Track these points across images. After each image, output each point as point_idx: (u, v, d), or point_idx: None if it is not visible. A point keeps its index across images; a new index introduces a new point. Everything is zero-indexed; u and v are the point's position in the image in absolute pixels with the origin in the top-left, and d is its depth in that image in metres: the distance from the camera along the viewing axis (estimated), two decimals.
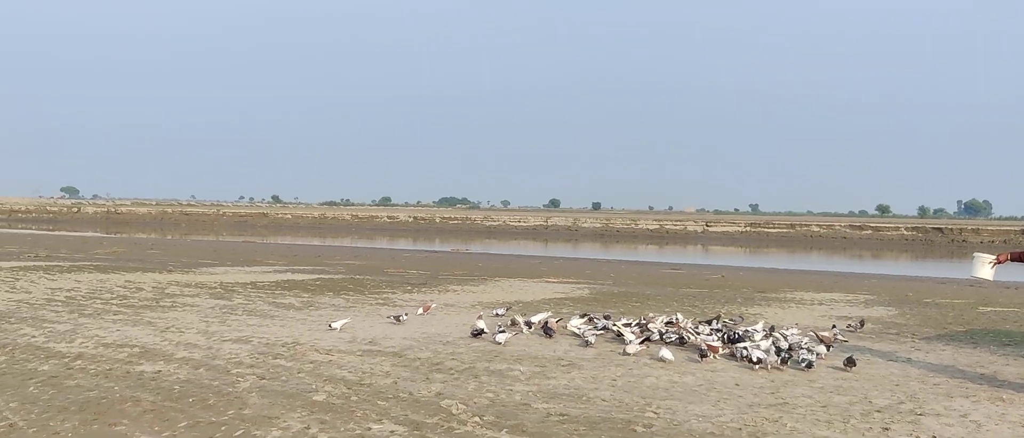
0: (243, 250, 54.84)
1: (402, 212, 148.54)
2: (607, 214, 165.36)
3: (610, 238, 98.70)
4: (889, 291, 31.90)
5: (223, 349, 15.54)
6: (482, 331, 17.53)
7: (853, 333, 19.02)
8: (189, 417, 10.69)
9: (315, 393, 12.08)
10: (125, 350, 15.25)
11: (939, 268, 56.13)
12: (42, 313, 19.90)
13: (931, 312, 24.37)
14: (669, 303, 24.67)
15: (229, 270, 34.77)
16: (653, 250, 76.14)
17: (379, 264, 42.11)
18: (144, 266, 35.48)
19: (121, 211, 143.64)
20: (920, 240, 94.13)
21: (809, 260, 65.82)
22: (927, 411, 11.76)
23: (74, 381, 12.64)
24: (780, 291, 30.63)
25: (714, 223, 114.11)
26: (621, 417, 11.06)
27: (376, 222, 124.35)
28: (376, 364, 14.38)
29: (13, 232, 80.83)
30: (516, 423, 10.64)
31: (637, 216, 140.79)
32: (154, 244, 61.57)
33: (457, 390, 12.46)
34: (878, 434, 10.48)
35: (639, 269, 44.67)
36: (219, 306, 21.94)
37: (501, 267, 42.20)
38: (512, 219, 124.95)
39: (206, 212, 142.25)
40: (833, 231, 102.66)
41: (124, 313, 20.22)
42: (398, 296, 25.50)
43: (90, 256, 42.58)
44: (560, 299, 25.56)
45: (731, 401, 12.16)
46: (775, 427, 10.74)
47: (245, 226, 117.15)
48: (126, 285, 26.90)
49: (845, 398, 12.49)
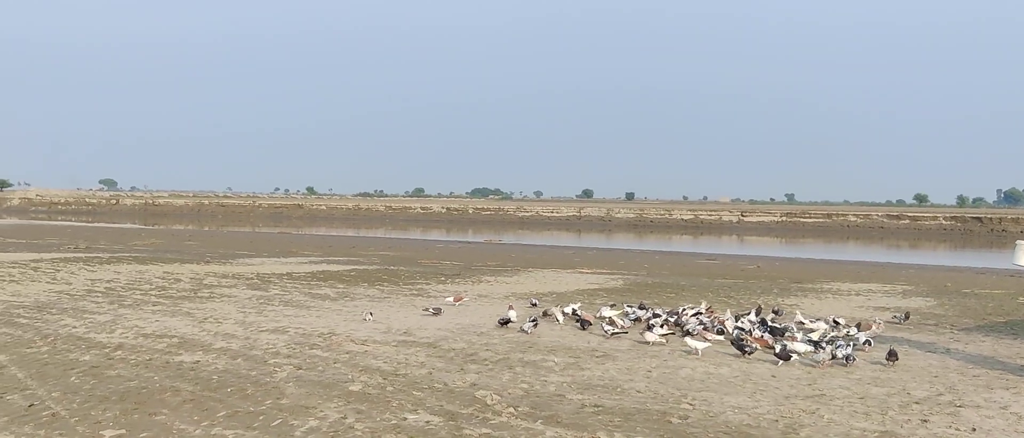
0: (279, 241, 55.29)
1: (435, 203, 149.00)
2: (641, 204, 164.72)
3: (644, 228, 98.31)
4: (927, 281, 31.52)
5: (260, 339, 15.69)
6: (509, 320, 17.59)
7: (898, 325, 18.79)
8: (228, 407, 10.81)
9: (351, 383, 12.17)
10: (164, 340, 15.44)
11: (978, 258, 55.35)
12: (83, 304, 20.20)
13: (970, 303, 24.05)
14: (704, 294, 24.55)
15: (265, 261, 35.07)
16: (688, 240, 75.74)
17: (413, 255, 42.28)
18: (182, 257, 35.90)
19: (159, 203, 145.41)
20: (959, 229, 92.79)
21: (846, 250, 65.20)
22: (967, 403, 11.62)
23: (115, 371, 12.82)
24: (816, 282, 30.36)
25: (749, 213, 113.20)
26: (656, 408, 11.03)
27: (409, 213, 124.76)
28: (411, 354, 14.45)
29: (54, 224, 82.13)
30: (551, 414, 10.65)
31: (671, 206, 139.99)
32: (191, 235, 62.26)
33: (491, 381, 12.49)
34: (917, 426, 10.37)
35: (673, 260, 44.48)
36: (256, 297, 22.14)
37: (534, 258, 42.20)
38: (545, 210, 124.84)
39: (242, 204, 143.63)
40: (870, 220, 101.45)
41: (163, 304, 20.47)
42: (432, 287, 25.59)
43: (129, 247, 43.15)
44: (594, 290, 25.53)
45: (767, 392, 12.08)
46: (812, 419, 10.66)
47: (280, 217, 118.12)
48: (164, 276, 27.23)
49: (883, 390, 12.37)
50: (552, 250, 52.58)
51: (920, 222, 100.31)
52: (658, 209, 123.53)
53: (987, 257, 57.07)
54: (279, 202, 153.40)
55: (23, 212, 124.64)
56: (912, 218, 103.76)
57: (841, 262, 46.04)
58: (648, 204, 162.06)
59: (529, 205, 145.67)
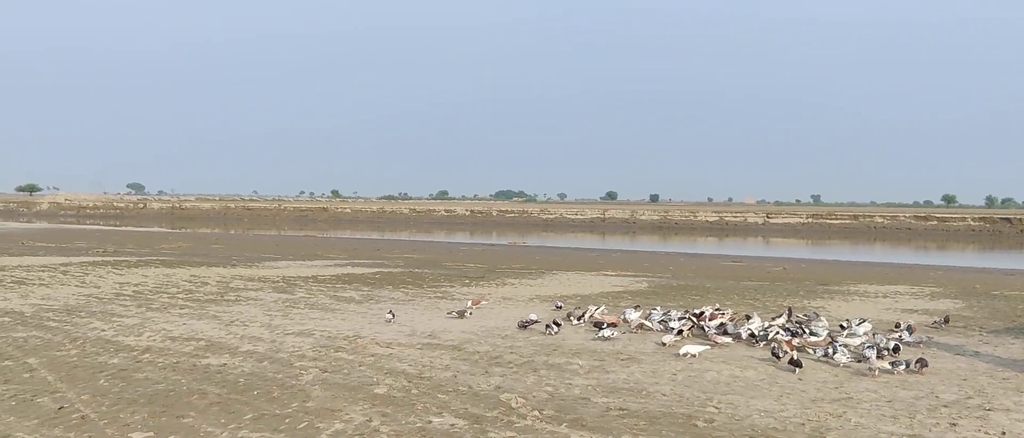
0: (304, 244, 55.56)
1: (459, 205, 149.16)
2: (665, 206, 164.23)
3: (668, 230, 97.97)
4: (956, 283, 31.20)
5: (286, 342, 15.78)
6: (531, 322, 17.63)
7: (938, 329, 18.56)
8: (254, 409, 10.88)
9: (376, 386, 12.21)
10: (191, 343, 15.56)
11: (1008, 259, 54.76)
12: (111, 307, 20.39)
13: (999, 305, 23.79)
14: (730, 296, 24.44)
15: (291, 264, 35.26)
16: (713, 242, 75.42)
17: (437, 257, 42.37)
18: (208, 261, 36.16)
19: (185, 207, 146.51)
20: (987, 231, 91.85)
21: (873, 252, 64.68)
22: (996, 406, 11.50)
23: (143, 374, 12.93)
24: (843, 284, 30.15)
25: (775, 214, 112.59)
26: (682, 412, 11.00)
27: (434, 216, 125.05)
28: (436, 357, 14.48)
29: (82, 228, 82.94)
30: (575, 417, 10.64)
31: (696, 208, 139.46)
32: (218, 239, 62.70)
33: (516, 383, 12.50)
34: (945, 430, 10.28)
35: (698, 262, 44.30)
36: (282, 300, 22.27)
37: (558, 260, 42.17)
38: (569, 212, 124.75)
39: (268, 207, 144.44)
40: (897, 222, 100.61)
41: (190, 307, 20.63)
42: (456, 289, 25.63)
43: (156, 251, 43.53)
44: (618, 292, 25.47)
45: (794, 396, 12.01)
46: (839, 422, 10.58)
47: (306, 220, 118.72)
48: (191, 279, 27.45)
49: (911, 393, 12.26)
50: (576, 252, 52.51)
51: (948, 223, 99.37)
52: (683, 211, 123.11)
53: (1017, 258, 56.45)
54: (304, 205, 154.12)
55: (52, 216, 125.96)
56: (940, 219, 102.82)
57: (868, 264, 45.68)
58: (672, 206, 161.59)
59: (553, 207, 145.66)
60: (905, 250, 66.57)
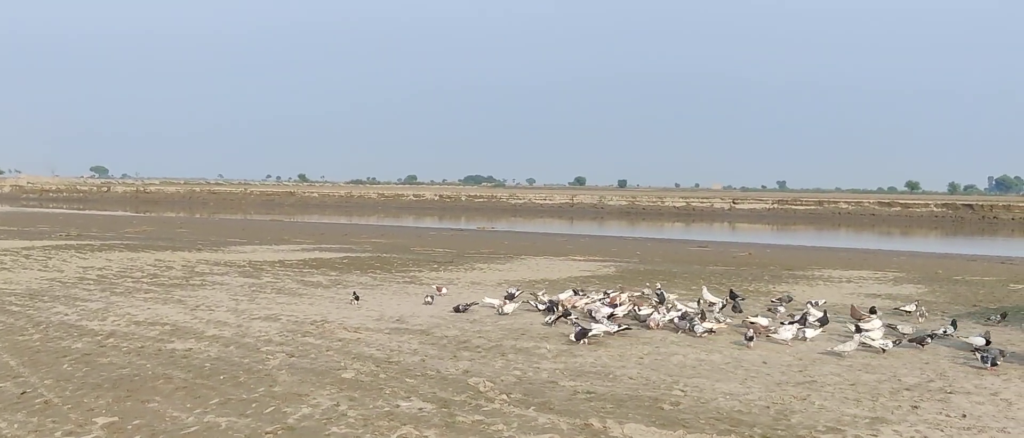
0: (271, 229, 55.21)
1: (428, 190, 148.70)
2: (633, 192, 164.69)
3: (636, 216, 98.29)
4: (919, 269, 31.62)
5: (252, 327, 15.69)
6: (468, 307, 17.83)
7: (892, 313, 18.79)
8: (220, 394, 10.81)
9: (344, 370, 12.18)
10: (156, 328, 15.43)
11: (970, 245, 55.51)
12: (74, 291, 20.16)
13: (961, 290, 24.16)
14: (696, 281, 24.60)
15: (257, 249, 35.03)
16: (680, 228, 75.78)
17: (406, 242, 42.26)
18: (173, 245, 35.83)
19: (150, 190, 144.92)
20: (950, 217, 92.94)
21: (837, 237, 65.30)
22: (957, 389, 11.69)
23: (107, 358, 12.81)
24: (808, 268, 30.45)
25: (741, 200, 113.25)
26: (648, 395, 11.07)
27: (402, 200, 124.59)
28: (404, 342, 14.47)
29: (45, 211, 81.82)
30: (543, 400, 10.68)
31: (663, 193, 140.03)
32: (183, 223, 62.11)
33: (484, 368, 12.52)
34: (907, 412, 10.43)
35: (665, 247, 44.54)
36: (248, 284, 22.12)
37: (527, 245, 42.21)
38: (538, 197, 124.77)
39: (234, 191, 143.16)
40: (862, 208, 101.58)
41: (155, 291, 20.44)
42: (425, 274, 25.60)
43: (120, 235, 43.05)
44: (586, 277, 25.56)
45: (759, 379, 12.13)
46: (803, 405, 10.71)
47: (272, 205, 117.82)
48: (156, 264, 27.19)
49: (874, 376, 12.43)
50: (545, 237, 52.60)
51: (912, 209, 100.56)
52: (650, 196, 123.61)
53: (978, 244, 57.26)
54: (271, 189, 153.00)
55: (14, 200, 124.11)
56: (904, 205, 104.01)
57: (832, 249, 46.15)
58: (640, 191, 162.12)
59: (522, 192, 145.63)
60: (869, 236, 67.26)
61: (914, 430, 9.69)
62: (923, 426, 9.85)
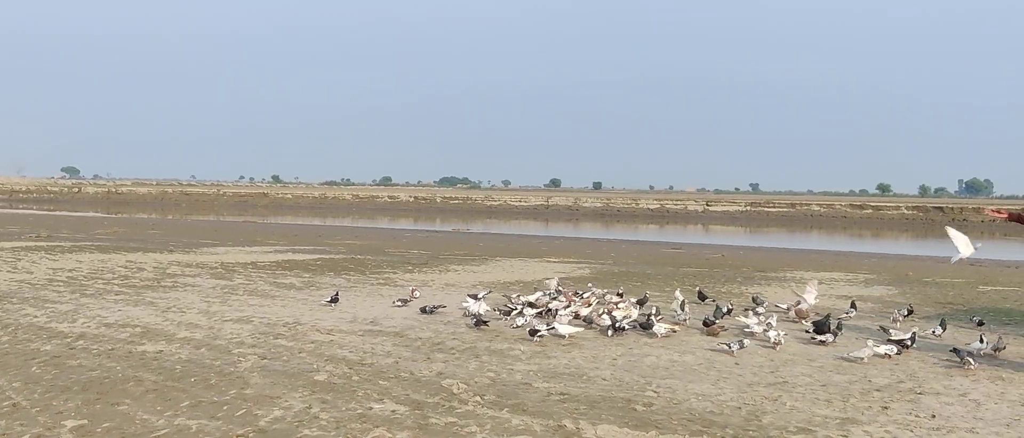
0: (243, 230, 54.86)
1: (403, 192, 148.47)
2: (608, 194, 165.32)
3: (611, 217, 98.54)
4: (889, 270, 31.91)
5: (224, 329, 15.58)
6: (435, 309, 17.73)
7: (858, 314, 18.92)
8: (191, 397, 10.73)
9: (316, 373, 12.12)
10: (127, 330, 15.29)
11: (940, 247, 55.99)
12: (44, 293, 19.94)
13: (931, 291, 24.41)
14: (670, 282, 24.69)
15: (230, 250, 34.80)
16: (654, 229, 76.05)
17: (380, 244, 42.13)
18: (145, 246, 35.52)
19: (122, 191, 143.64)
20: (921, 219, 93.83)
21: (809, 239, 65.75)
22: (927, 390, 11.80)
23: (77, 361, 12.68)
24: (780, 270, 30.65)
25: (715, 202, 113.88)
26: (621, 396, 11.10)
27: (377, 202, 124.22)
28: (377, 344, 14.42)
29: (14, 212, 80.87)
30: (517, 402, 10.68)
31: (638, 195, 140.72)
32: (155, 224, 61.60)
33: (458, 370, 12.50)
34: (877, 413, 10.52)
35: (640, 248, 44.68)
36: (220, 286, 21.98)
37: (502, 247, 42.21)
38: (513, 199, 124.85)
39: (206, 192, 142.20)
40: (833, 210, 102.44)
41: (126, 293, 20.26)
42: (399, 276, 25.53)
43: (91, 236, 42.62)
44: (561, 278, 25.57)
45: (731, 380, 12.20)
46: (774, 406, 10.78)
47: (245, 206, 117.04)
48: (127, 265, 26.95)
49: (845, 377, 12.53)
50: (520, 239, 52.62)
51: (883, 212, 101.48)
52: (625, 198, 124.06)
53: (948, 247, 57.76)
54: (244, 190, 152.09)
55: None
56: (875, 208, 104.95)
57: (805, 251, 46.50)
58: (615, 193, 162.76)
59: (497, 194, 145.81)
60: (841, 238, 67.80)
61: (884, 430, 9.77)
62: (893, 427, 9.93)
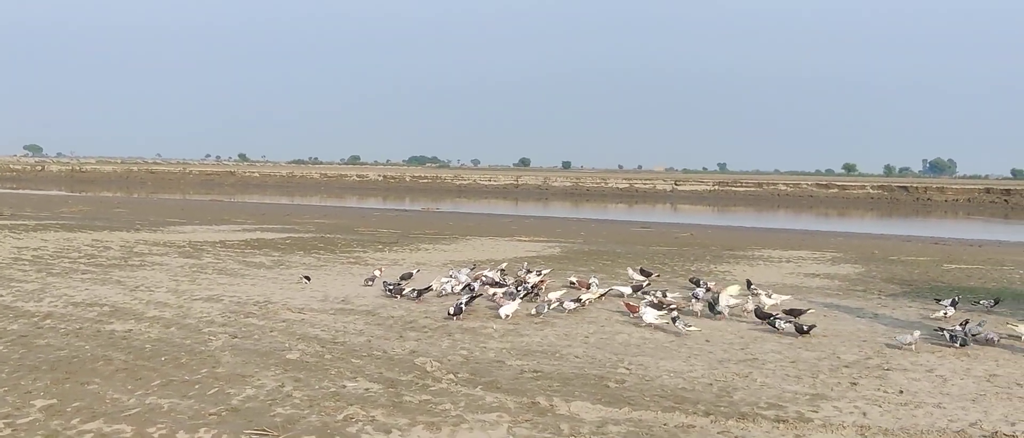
0: (211, 209, 54.36)
1: (371, 171, 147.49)
2: (577, 173, 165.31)
3: (580, 197, 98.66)
4: (855, 249, 32.26)
5: (194, 308, 15.46)
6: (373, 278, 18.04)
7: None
8: (162, 376, 10.65)
9: (288, 351, 12.07)
10: (95, 309, 15.13)
11: (905, 226, 56.80)
12: (9, 272, 19.65)
13: (897, 269, 24.71)
14: (639, 261, 24.80)
15: (197, 229, 34.49)
16: (623, 209, 76.32)
17: (350, 223, 41.93)
18: (111, 225, 35.11)
19: (86, 170, 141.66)
20: (886, 198, 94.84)
21: (776, 218, 66.23)
22: (894, 366, 11.97)
23: (44, 340, 12.53)
24: (748, 249, 30.88)
25: (683, 182, 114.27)
26: (594, 373, 11.16)
27: (345, 181, 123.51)
28: (349, 322, 14.38)
29: None
30: (490, 380, 10.70)
31: (607, 175, 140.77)
32: (120, 203, 60.88)
33: (431, 348, 12.50)
34: (846, 389, 10.66)
35: (609, 227, 44.83)
36: (188, 265, 21.78)
37: (472, 226, 42.18)
38: (482, 178, 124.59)
39: (172, 171, 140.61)
40: (800, 189, 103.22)
41: (93, 272, 20.03)
42: (369, 255, 25.44)
43: (56, 215, 42.05)
44: (531, 258, 25.61)
45: (702, 357, 12.30)
46: (745, 382, 10.88)
47: (212, 185, 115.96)
48: (94, 244, 26.62)
49: (814, 354, 12.67)
50: (490, 218, 52.58)
51: (848, 191, 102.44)
52: (594, 178, 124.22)
53: (913, 225, 58.59)
54: (211, 169, 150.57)
55: None
56: (841, 187, 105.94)
57: (772, 230, 46.89)
58: (584, 173, 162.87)
59: (466, 173, 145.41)
60: (807, 217, 68.38)
61: (853, 406, 9.91)
62: (862, 402, 10.07)
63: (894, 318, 15.90)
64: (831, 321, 15.31)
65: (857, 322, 15.42)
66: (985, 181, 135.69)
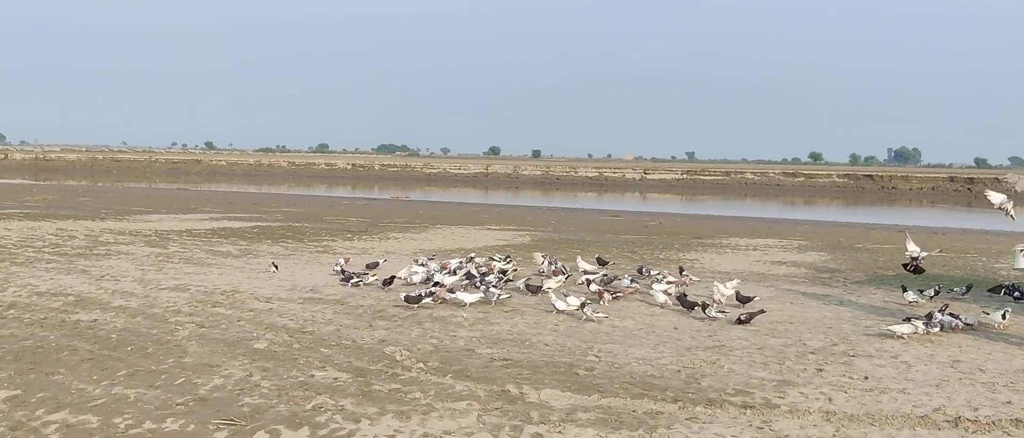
0: (177, 197, 53.88)
1: (340, 159, 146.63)
2: (547, 161, 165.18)
3: (550, 185, 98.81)
4: (821, 237, 32.58)
5: (160, 297, 15.33)
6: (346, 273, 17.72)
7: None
8: (128, 366, 10.55)
9: (256, 341, 12.01)
10: (60, 299, 14.96)
11: (870, 214, 57.45)
12: None
13: (862, 257, 24.99)
14: (609, 249, 24.90)
15: (163, 218, 34.18)
16: (593, 197, 76.53)
17: (318, 211, 41.73)
18: (76, 214, 34.69)
19: (50, 158, 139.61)
20: (851, 187, 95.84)
21: (744, 207, 66.75)
22: (859, 352, 12.11)
23: (8, 330, 12.38)
24: (716, 237, 31.09)
25: (652, 171, 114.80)
26: (564, 361, 11.20)
27: (314, 169, 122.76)
28: (318, 311, 14.32)
29: None
30: (460, 368, 10.71)
31: (577, 164, 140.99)
32: (85, 191, 60.13)
33: (401, 337, 12.48)
34: (813, 375, 10.77)
35: (579, 216, 44.95)
36: (155, 254, 21.58)
37: (442, 214, 42.12)
38: (452, 166, 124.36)
39: (138, 159, 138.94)
40: (767, 178, 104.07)
41: (57, 261, 19.79)
42: (338, 244, 25.34)
43: (19, 203, 41.47)
44: (502, 246, 25.63)
45: (670, 344, 12.38)
46: (713, 369, 10.97)
47: (178, 173, 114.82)
48: (58, 233, 26.30)
49: (780, 340, 12.79)
50: (460, 207, 52.52)
51: (815, 179, 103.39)
52: (564, 166, 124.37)
53: (878, 213, 59.26)
54: (177, 157, 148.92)
55: None
56: (807, 176, 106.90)
57: (739, 219, 47.23)
58: (554, 161, 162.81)
59: (436, 162, 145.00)
60: (774, 205, 68.97)
61: (819, 392, 10.02)
62: (828, 388, 10.19)
63: (860, 304, 16.08)
64: (797, 308, 15.46)
65: (823, 309, 15.58)
66: (949, 170, 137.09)
